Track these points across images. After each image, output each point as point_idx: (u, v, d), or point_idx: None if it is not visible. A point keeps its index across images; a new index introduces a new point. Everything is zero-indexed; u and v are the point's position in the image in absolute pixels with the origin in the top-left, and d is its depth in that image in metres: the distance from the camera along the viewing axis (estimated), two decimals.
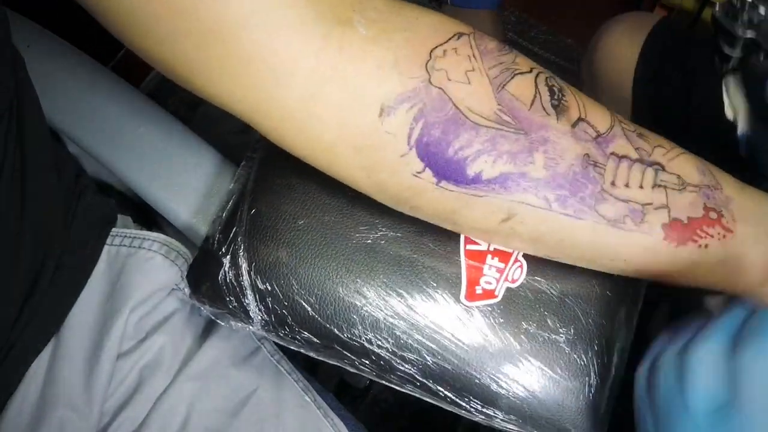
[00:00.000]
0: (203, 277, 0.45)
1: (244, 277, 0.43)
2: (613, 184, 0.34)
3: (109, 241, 0.51)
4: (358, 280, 0.43)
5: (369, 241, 0.43)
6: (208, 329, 0.53)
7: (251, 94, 0.33)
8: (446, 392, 0.43)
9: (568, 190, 0.34)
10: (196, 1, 0.29)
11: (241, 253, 0.43)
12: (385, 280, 0.43)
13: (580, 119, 0.34)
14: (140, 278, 0.49)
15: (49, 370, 0.47)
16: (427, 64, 0.33)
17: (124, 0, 0.30)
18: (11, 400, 0.45)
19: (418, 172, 0.34)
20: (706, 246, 0.35)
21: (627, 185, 0.34)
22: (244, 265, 0.43)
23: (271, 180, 0.45)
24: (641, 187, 0.34)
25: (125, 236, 0.51)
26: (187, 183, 0.52)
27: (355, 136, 0.33)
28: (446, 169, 0.33)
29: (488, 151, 0.33)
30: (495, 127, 0.33)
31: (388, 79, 0.33)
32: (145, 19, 0.30)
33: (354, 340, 0.43)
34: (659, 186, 0.34)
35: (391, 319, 0.43)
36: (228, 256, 0.44)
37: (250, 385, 0.51)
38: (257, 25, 0.30)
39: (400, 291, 0.43)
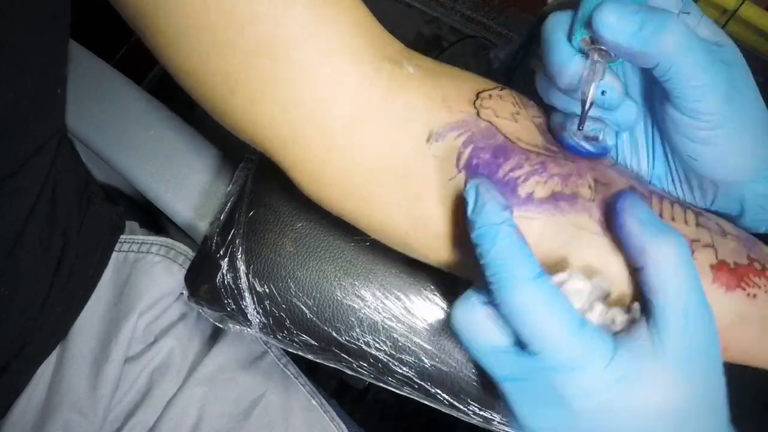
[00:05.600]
0: (201, 280, 0.45)
1: (242, 280, 0.43)
2: (660, 215, 0.32)
3: (116, 247, 0.51)
4: (356, 282, 0.43)
5: (367, 243, 0.43)
6: (216, 333, 0.53)
7: (293, 117, 0.31)
8: (444, 395, 0.43)
9: None
10: (252, 14, 0.29)
11: (239, 256, 0.43)
12: (383, 282, 0.43)
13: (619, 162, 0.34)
14: (148, 283, 0.50)
15: (55, 373, 0.47)
16: (474, 102, 0.33)
17: (176, 11, 0.29)
18: (17, 402, 0.46)
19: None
20: (754, 296, 0.32)
21: (673, 219, 0.33)
22: (242, 268, 0.43)
23: (269, 182, 0.45)
24: (686, 223, 0.33)
25: (132, 242, 0.52)
26: (193, 185, 0.52)
27: (399, 165, 0.32)
28: (497, 190, 0.31)
29: (539, 172, 0.32)
30: (545, 153, 0.32)
31: (436, 110, 0.32)
32: (196, 31, 0.30)
33: (352, 343, 0.43)
34: (702, 227, 0.33)
35: (389, 322, 0.43)
36: (226, 259, 0.44)
37: (259, 389, 0.51)
38: (309, 44, 0.30)
39: (398, 293, 0.43)
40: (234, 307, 0.43)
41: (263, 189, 0.45)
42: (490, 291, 0.28)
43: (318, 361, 0.45)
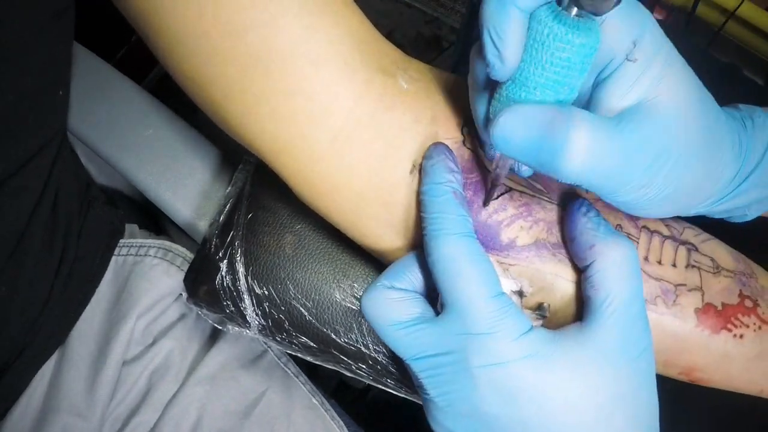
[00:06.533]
0: (200, 281, 0.45)
1: (241, 282, 0.43)
2: (646, 259, 0.32)
3: (116, 251, 0.51)
4: (354, 284, 0.43)
5: None
6: (216, 333, 0.53)
7: (284, 129, 0.31)
8: None
9: None
10: (247, 24, 0.29)
11: (238, 258, 0.43)
12: None
13: None
14: (146, 285, 0.50)
15: (53, 376, 0.47)
16: (463, 128, 0.32)
17: (174, 17, 0.30)
18: (16, 405, 0.46)
19: None
20: (741, 336, 0.32)
21: (660, 262, 0.32)
22: (241, 270, 0.43)
23: (267, 184, 0.45)
24: (674, 265, 0.32)
25: (131, 246, 0.52)
26: (194, 184, 0.52)
27: (384, 190, 0.32)
28: (479, 233, 0.31)
29: (524, 216, 0.31)
30: (529, 193, 0.32)
31: (423, 135, 0.32)
32: (192, 38, 0.30)
33: (351, 345, 0.43)
34: (693, 266, 0.32)
35: None
36: (225, 261, 0.44)
37: (259, 387, 0.51)
38: (303, 56, 0.30)
39: None
40: (233, 309, 0.43)
41: (262, 191, 0.45)
42: (423, 244, 0.29)
43: (317, 362, 0.45)
